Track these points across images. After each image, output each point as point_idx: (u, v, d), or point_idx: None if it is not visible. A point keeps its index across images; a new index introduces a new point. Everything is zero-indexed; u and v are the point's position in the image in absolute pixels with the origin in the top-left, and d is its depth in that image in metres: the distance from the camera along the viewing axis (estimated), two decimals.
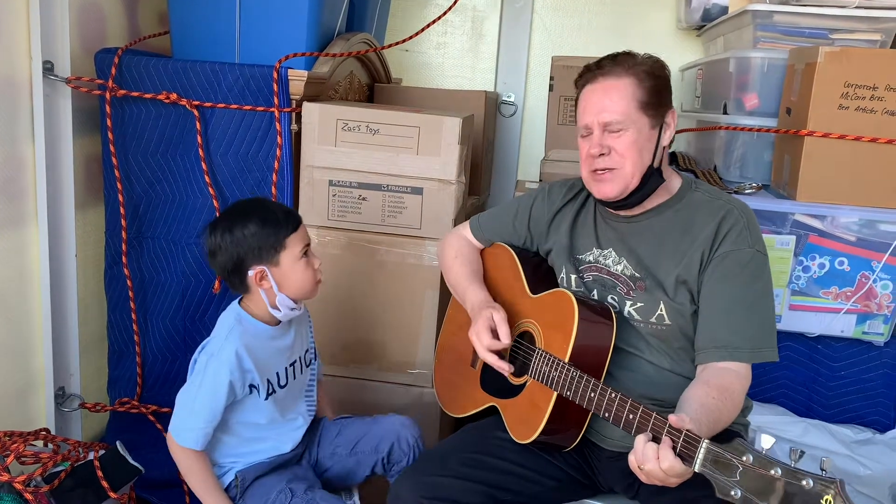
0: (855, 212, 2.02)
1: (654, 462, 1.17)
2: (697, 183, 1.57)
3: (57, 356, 2.10)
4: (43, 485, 1.65)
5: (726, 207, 1.49)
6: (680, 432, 1.17)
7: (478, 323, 1.56)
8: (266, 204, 1.66)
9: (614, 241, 1.57)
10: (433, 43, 3.19)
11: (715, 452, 1.11)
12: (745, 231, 1.46)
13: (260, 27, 2.13)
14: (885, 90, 1.93)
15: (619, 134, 1.46)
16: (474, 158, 2.57)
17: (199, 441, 1.58)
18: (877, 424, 2.15)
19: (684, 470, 1.16)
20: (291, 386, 1.71)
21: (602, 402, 1.35)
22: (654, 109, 1.47)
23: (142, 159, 2.13)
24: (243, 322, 1.63)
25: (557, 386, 1.44)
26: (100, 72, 2.09)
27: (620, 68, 1.47)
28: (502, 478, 1.51)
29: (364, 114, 2.05)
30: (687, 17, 2.84)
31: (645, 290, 1.50)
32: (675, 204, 1.54)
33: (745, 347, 1.40)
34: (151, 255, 2.17)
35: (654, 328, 1.50)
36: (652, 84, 1.47)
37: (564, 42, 3.12)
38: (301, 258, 1.61)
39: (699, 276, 1.46)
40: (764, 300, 1.44)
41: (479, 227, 1.80)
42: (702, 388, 1.36)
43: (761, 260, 1.45)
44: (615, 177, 1.48)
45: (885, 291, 2.07)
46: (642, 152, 1.47)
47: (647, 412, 1.25)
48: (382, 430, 1.76)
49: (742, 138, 2.28)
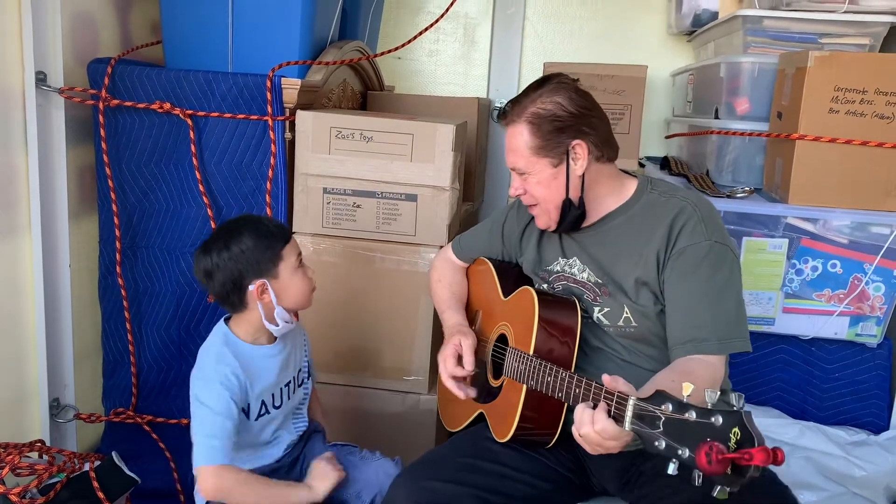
0: (847, 214, 2.03)
1: (589, 426, 1.19)
2: (654, 183, 1.58)
3: (51, 367, 2.09)
4: (38, 497, 1.64)
5: (680, 204, 1.50)
6: (612, 394, 1.19)
7: (446, 348, 1.64)
8: (255, 218, 1.66)
9: (577, 251, 1.60)
10: (425, 50, 3.20)
11: (640, 406, 1.12)
12: (699, 224, 1.46)
13: (253, 36, 2.13)
14: (875, 94, 1.95)
15: (525, 178, 1.54)
16: (467, 165, 2.57)
17: (227, 453, 1.54)
18: (871, 426, 2.16)
19: (617, 431, 1.17)
20: (285, 406, 1.71)
21: (556, 383, 1.37)
22: (552, 150, 1.49)
23: (135, 169, 2.13)
24: (230, 344, 1.62)
25: (525, 379, 1.47)
26: (93, 82, 2.08)
27: (517, 115, 1.51)
28: (496, 482, 1.51)
29: (358, 121, 2.05)
30: (677, 23, 2.85)
31: (609, 296, 1.53)
32: (630, 208, 1.55)
33: (712, 339, 1.39)
34: (146, 264, 2.16)
35: (622, 331, 1.52)
36: (547, 128, 1.48)
37: (556, 48, 3.13)
38: (298, 268, 1.62)
39: (659, 276, 1.48)
40: (727, 290, 1.43)
41: (459, 248, 1.88)
42: (665, 373, 1.37)
43: (720, 250, 1.44)
44: (539, 211, 1.57)
45: (877, 293, 2.08)
46: (550, 190, 1.52)
47: (588, 382, 1.28)
48: (365, 479, 1.73)
49: (734, 142, 2.29)
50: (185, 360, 2.18)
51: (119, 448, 1.93)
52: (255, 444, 1.67)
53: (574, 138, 1.49)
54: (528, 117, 1.50)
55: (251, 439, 1.66)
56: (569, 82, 1.52)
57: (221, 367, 1.57)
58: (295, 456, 1.76)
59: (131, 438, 2.20)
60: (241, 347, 1.62)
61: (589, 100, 1.53)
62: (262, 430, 1.67)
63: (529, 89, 1.53)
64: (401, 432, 2.15)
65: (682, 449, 1.02)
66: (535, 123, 1.49)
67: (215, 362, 1.58)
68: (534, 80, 1.55)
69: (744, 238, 2.10)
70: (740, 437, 0.96)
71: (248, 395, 1.60)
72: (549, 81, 1.52)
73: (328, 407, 2.12)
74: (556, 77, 1.53)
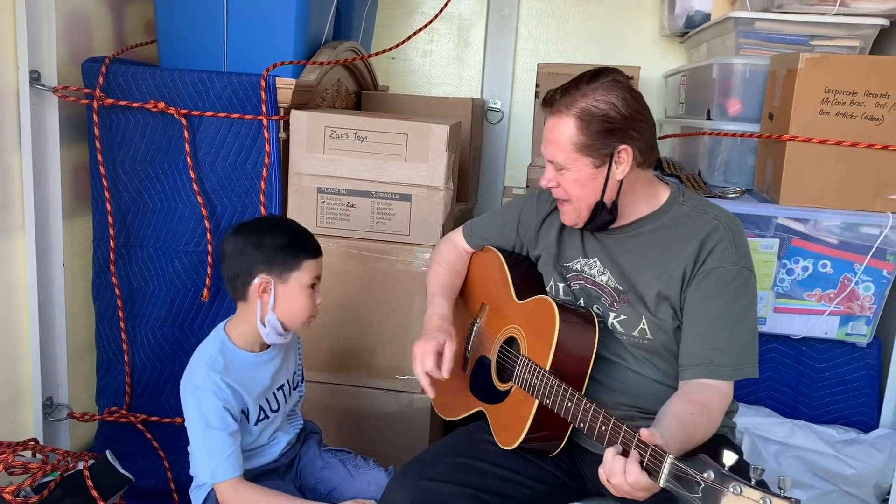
0: (837, 215, 2.05)
1: (621, 476, 1.17)
2: (686, 195, 1.55)
3: (45, 366, 2.10)
4: (32, 495, 1.65)
5: (712, 223, 1.46)
6: (647, 447, 1.16)
7: (428, 343, 1.57)
8: (297, 225, 1.68)
9: (599, 252, 1.56)
10: (419, 51, 3.21)
11: (678, 468, 1.11)
12: (730, 248, 1.44)
13: (247, 35, 2.14)
14: (865, 95, 1.97)
15: (562, 172, 1.48)
16: (461, 165, 2.58)
17: (235, 466, 1.55)
18: (860, 424, 2.18)
19: (650, 484, 1.16)
20: (282, 409, 1.72)
21: (578, 412, 1.35)
22: (597, 151, 1.44)
23: (129, 168, 2.13)
24: (227, 352, 1.61)
25: (538, 394, 1.45)
26: (87, 81, 2.08)
27: (565, 105, 1.44)
28: (492, 482, 1.51)
29: (352, 121, 2.06)
30: (670, 25, 2.87)
31: (628, 304, 1.50)
32: (661, 217, 1.52)
33: (727, 365, 1.39)
34: (140, 263, 2.17)
35: (636, 341, 1.50)
36: (596, 128, 1.42)
37: (550, 49, 3.14)
38: (308, 287, 1.61)
39: (682, 293, 1.45)
40: (746, 316, 1.43)
41: (470, 232, 1.82)
42: (680, 402, 1.36)
43: (746, 276, 1.43)
44: (569, 208, 1.52)
45: (866, 293, 2.10)
46: (586, 190, 1.47)
47: (617, 424, 1.25)
48: (357, 490, 1.73)
49: (725, 143, 2.31)
50: (178, 360, 2.18)
51: (112, 447, 1.94)
52: (254, 446, 1.68)
53: (622, 142, 1.43)
54: (578, 112, 1.42)
55: (251, 442, 1.66)
56: (623, 80, 1.46)
57: (213, 375, 1.56)
58: (291, 458, 1.77)
59: (125, 437, 2.20)
60: (236, 355, 1.62)
61: (641, 102, 1.47)
62: (262, 433, 1.68)
63: (581, 81, 1.45)
64: (395, 431, 2.16)
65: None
66: (584, 120, 1.42)
67: (207, 368, 1.57)
68: (587, 71, 1.47)
69: None
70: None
71: (244, 400, 1.60)
72: (603, 75, 1.44)
73: (322, 406, 2.13)
74: (612, 72, 1.46)
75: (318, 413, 2.05)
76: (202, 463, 1.55)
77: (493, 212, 1.83)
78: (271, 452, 1.71)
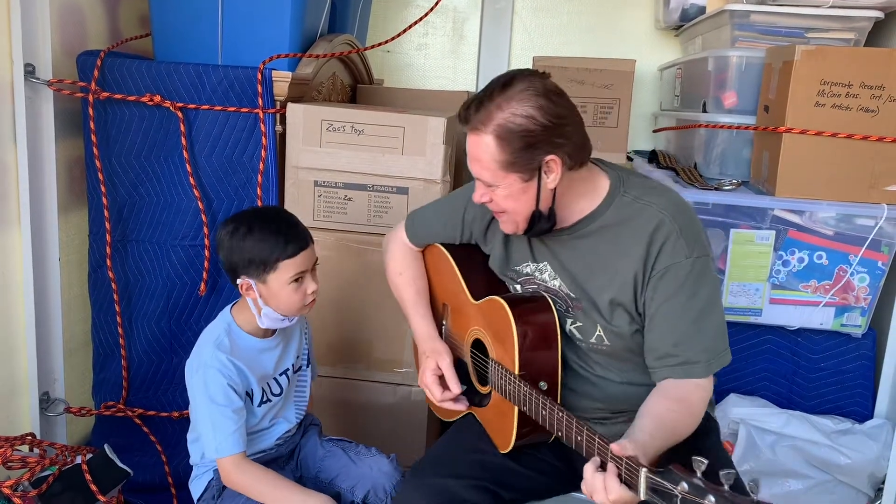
0: (832, 207, 2.06)
1: (603, 493, 1.15)
2: (627, 183, 1.46)
3: (41, 360, 2.09)
4: (31, 489, 1.64)
5: (657, 217, 1.39)
6: (621, 459, 1.14)
7: (425, 376, 1.59)
8: (279, 219, 1.62)
9: (548, 256, 1.51)
10: (414, 44, 3.20)
11: (654, 481, 1.09)
12: (679, 241, 1.37)
13: (243, 29, 2.13)
14: (860, 87, 1.98)
15: (492, 189, 1.41)
16: (457, 158, 2.58)
17: (239, 442, 1.56)
18: (856, 415, 2.19)
19: (632, 497, 1.13)
20: (284, 393, 1.72)
21: (553, 421, 1.33)
22: (523, 166, 1.36)
23: (125, 162, 2.12)
24: (232, 334, 1.63)
25: (515, 401, 1.44)
26: (82, 74, 2.07)
27: (481, 123, 1.35)
28: (504, 476, 1.50)
29: (349, 114, 2.06)
30: (665, 18, 2.87)
31: (582, 311, 1.47)
32: (603, 213, 1.45)
33: (701, 361, 1.36)
34: (136, 257, 2.16)
35: (595, 347, 1.47)
36: (517, 144, 1.33)
37: (545, 42, 3.14)
38: (290, 283, 1.58)
39: (637, 298, 1.41)
40: (711, 307, 1.38)
41: (414, 233, 1.76)
42: (660, 400, 1.34)
43: (701, 265, 1.38)
44: (506, 219, 1.46)
45: (861, 284, 2.11)
46: (519, 203, 1.41)
47: (590, 436, 1.22)
48: (360, 474, 1.73)
49: (721, 136, 2.31)
50: (175, 354, 2.17)
51: (109, 442, 1.93)
52: (256, 429, 1.68)
53: (547, 154, 1.35)
54: (496, 130, 1.34)
55: (254, 425, 1.67)
56: (538, 85, 1.35)
57: (219, 354, 1.57)
58: (291, 448, 1.78)
59: (122, 432, 2.20)
60: (241, 338, 1.64)
61: (561, 104, 1.36)
62: (264, 416, 1.68)
63: (494, 91, 1.35)
64: (393, 424, 2.16)
65: None
66: (503, 138, 1.34)
67: (214, 348, 1.59)
68: (498, 76, 1.38)
69: (731, 230, 2.12)
70: None
71: (248, 381, 1.61)
72: (516, 82, 1.35)
73: (321, 398, 2.13)
74: (525, 78, 1.35)
75: (316, 406, 2.05)
76: (208, 439, 1.56)
77: (434, 208, 1.74)
78: (270, 437, 1.72)
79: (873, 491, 2.08)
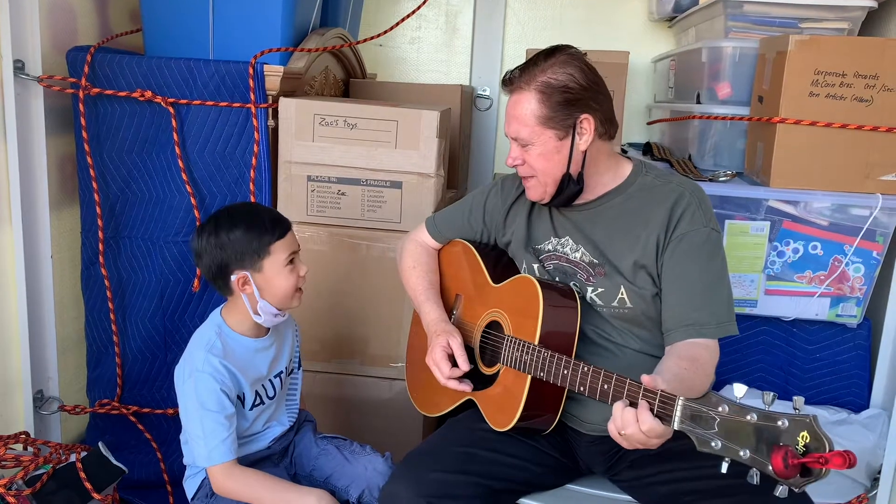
0: (827, 197, 2.05)
1: (635, 425, 1.19)
2: (648, 167, 1.60)
3: (34, 358, 2.08)
4: (25, 488, 1.63)
5: (678, 190, 1.52)
6: (655, 394, 1.19)
7: (435, 352, 1.61)
8: (254, 209, 1.64)
9: (570, 230, 1.59)
10: (407, 38, 3.19)
11: (691, 408, 1.14)
12: (698, 211, 1.49)
13: (234, 23, 2.11)
14: (854, 77, 1.97)
15: (527, 148, 1.51)
16: (451, 152, 2.57)
17: (230, 450, 1.55)
18: (851, 405, 2.19)
19: (664, 430, 1.18)
20: (277, 396, 1.71)
21: (576, 377, 1.38)
22: (559, 122, 1.47)
23: (117, 158, 2.11)
24: (223, 336, 1.61)
25: (530, 369, 1.46)
26: (72, 70, 2.06)
27: (525, 82, 1.48)
28: (495, 468, 1.52)
29: (341, 108, 2.05)
30: (659, 9, 2.87)
31: (605, 276, 1.54)
32: (626, 189, 1.56)
33: (711, 323, 1.44)
34: (129, 254, 2.15)
35: (616, 311, 1.53)
36: (557, 99, 1.46)
37: (538, 35, 3.13)
38: (286, 265, 1.59)
39: (657, 260, 1.50)
40: (722, 276, 1.49)
41: (435, 228, 1.83)
42: (673, 360, 1.40)
43: (716, 237, 1.50)
44: (535, 183, 1.55)
45: (856, 274, 2.11)
46: (552, 163, 1.50)
47: (620, 379, 1.28)
48: (354, 474, 1.73)
49: (715, 127, 2.31)
50: (169, 350, 2.17)
51: (104, 439, 1.93)
52: (248, 433, 1.67)
53: (583, 112, 1.47)
54: (538, 86, 1.46)
55: (245, 429, 1.66)
56: (579, 54, 1.50)
57: (211, 358, 1.56)
58: (285, 445, 1.77)
59: (116, 429, 2.20)
60: (234, 339, 1.62)
61: (597, 75, 1.51)
62: (256, 419, 1.67)
63: (538, 58, 1.49)
64: (388, 419, 2.15)
65: (743, 450, 1.06)
66: (545, 93, 1.46)
67: (205, 352, 1.57)
68: (542, 49, 1.51)
69: (726, 221, 2.11)
70: (808, 441, 1.02)
71: (241, 385, 1.60)
72: (559, 51, 1.49)
73: (315, 395, 2.13)
74: (567, 48, 1.50)
75: (311, 402, 2.05)
76: (198, 446, 1.55)
77: (456, 205, 1.83)
78: (263, 440, 1.71)
79: (869, 481, 2.08)
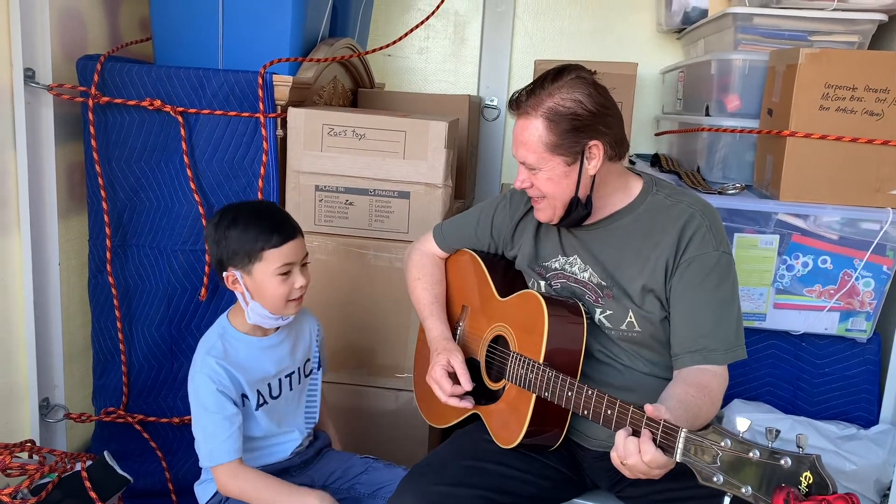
0: (837, 211, 2.04)
1: (636, 456, 1.18)
2: (659, 184, 1.57)
3: (41, 366, 2.08)
4: (30, 497, 1.63)
5: (688, 212, 1.49)
6: (658, 423, 1.18)
7: (435, 371, 1.60)
8: (262, 211, 1.61)
9: (578, 249, 1.57)
10: (416, 48, 3.20)
11: (694, 440, 1.13)
12: (708, 234, 1.46)
13: (243, 33, 2.12)
14: (865, 91, 1.96)
15: (535, 172, 1.49)
16: (459, 162, 2.57)
17: (232, 450, 1.54)
18: (861, 420, 2.17)
19: (666, 461, 1.17)
20: (287, 397, 1.70)
21: (580, 399, 1.36)
22: (567, 149, 1.45)
23: (125, 166, 2.11)
24: (226, 337, 1.61)
25: (535, 388, 1.45)
26: (82, 79, 2.07)
27: (532, 107, 1.45)
28: (501, 482, 1.51)
29: (350, 118, 2.05)
30: (667, 21, 2.86)
31: (613, 299, 1.51)
32: (636, 208, 1.53)
33: (720, 349, 1.42)
34: (136, 262, 2.15)
35: (625, 335, 1.51)
36: (565, 126, 1.43)
37: (546, 46, 3.13)
38: (278, 275, 1.56)
39: (666, 284, 1.47)
40: (732, 300, 1.46)
41: (442, 237, 1.82)
42: (680, 386, 1.38)
43: (727, 261, 1.47)
44: (545, 206, 1.53)
45: (866, 289, 2.09)
46: (560, 188, 1.48)
47: (624, 406, 1.26)
48: (384, 479, 1.71)
49: (724, 139, 2.30)
50: (176, 359, 2.16)
51: (110, 448, 1.93)
52: (264, 439, 1.66)
53: (592, 138, 1.45)
54: (545, 112, 1.44)
55: (261, 436, 1.65)
56: (588, 77, 1.47)
57: (209, 359, 1.57)
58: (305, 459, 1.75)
59: (122, 438, 2.19)
60: (237, 338, 1.62)
61: (607, 96, 1.48)
62: (270, 422, 1.66)
63: (546, 80, 1.46)
64: (395, 429, 2.15)
65: (745, 486, 1.06)
66: (552, 120, 1.43)
67: (205, 353, 1.58)
68: (550, 69, 1.49)
69: (735, 234, 2.10)
70: (812, 482, 1.01)
71: (241, 384, 1.59)
72: (567, 73, 1.46)
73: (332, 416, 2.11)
74: (575, 69, 1.47)
75: None
76: (200, 447, 1.56)
77: (464, 215, 1.81)
78: (283, 450, 1.70)
79: (879, 497, 2.06)
